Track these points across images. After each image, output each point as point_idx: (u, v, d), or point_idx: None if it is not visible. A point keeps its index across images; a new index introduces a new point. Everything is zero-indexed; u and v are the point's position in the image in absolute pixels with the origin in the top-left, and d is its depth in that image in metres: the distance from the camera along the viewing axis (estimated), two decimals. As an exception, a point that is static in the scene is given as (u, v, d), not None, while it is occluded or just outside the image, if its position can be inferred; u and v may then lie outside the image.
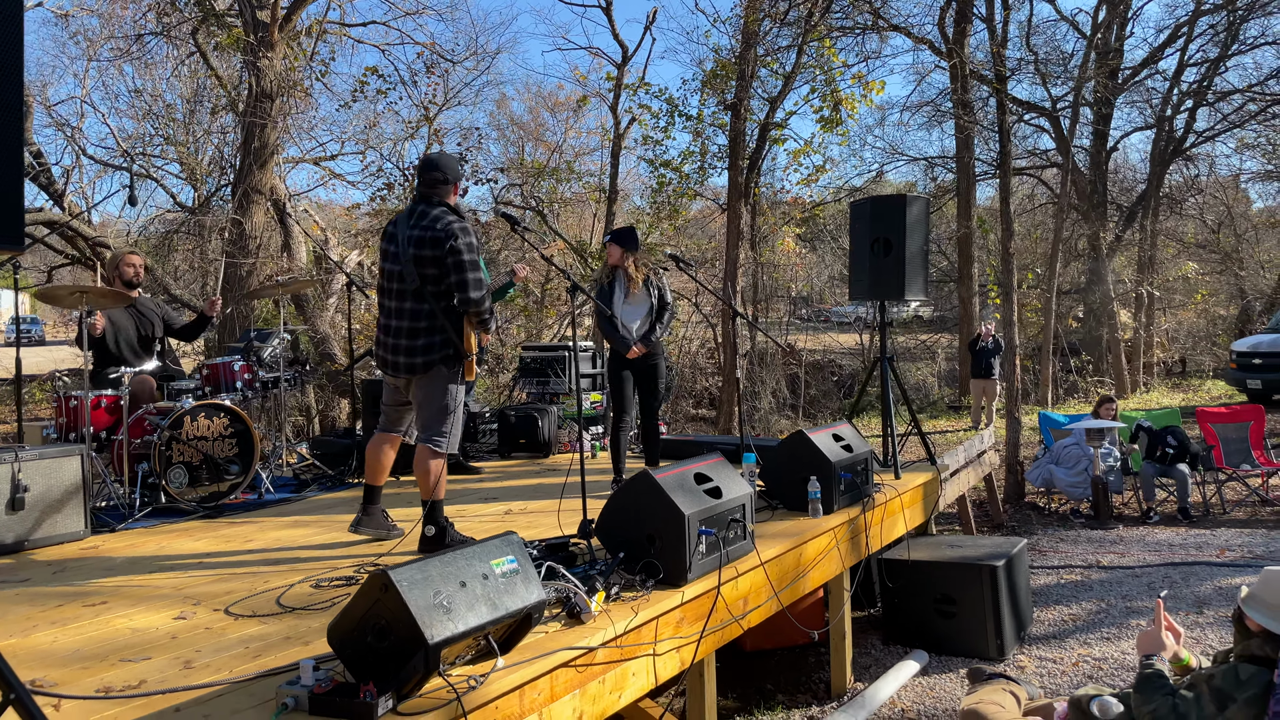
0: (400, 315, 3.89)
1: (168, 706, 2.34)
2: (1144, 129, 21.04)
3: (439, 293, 3.84)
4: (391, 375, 4.00)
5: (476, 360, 4.13)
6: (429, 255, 3.79)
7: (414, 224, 3.86)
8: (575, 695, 2.78)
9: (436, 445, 3.91)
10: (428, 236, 3.80)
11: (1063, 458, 8.31)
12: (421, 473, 3.92)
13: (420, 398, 3.95)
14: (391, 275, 3.91)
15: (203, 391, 5.49)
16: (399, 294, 3.89)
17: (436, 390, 3.90)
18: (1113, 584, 6.00)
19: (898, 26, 15.40)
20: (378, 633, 2.32)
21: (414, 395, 4.00)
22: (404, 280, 3.85)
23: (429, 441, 3.91)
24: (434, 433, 3.91)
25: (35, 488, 4.24)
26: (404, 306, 3.88)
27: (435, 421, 3.91)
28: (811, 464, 4.52)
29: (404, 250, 3.84)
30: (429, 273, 3.81)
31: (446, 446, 3.93)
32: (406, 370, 3.91)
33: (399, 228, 3.91)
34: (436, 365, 3.88)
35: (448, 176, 3.96)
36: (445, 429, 3.92)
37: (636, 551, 3.36)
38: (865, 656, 5.02)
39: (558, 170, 16.18)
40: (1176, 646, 2.78)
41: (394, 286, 3.90)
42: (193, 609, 3.21)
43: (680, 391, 16.53)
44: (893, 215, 5.60)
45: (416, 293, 3.85)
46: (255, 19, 12.44)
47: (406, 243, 3.84)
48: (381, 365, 4.02)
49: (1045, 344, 14.76)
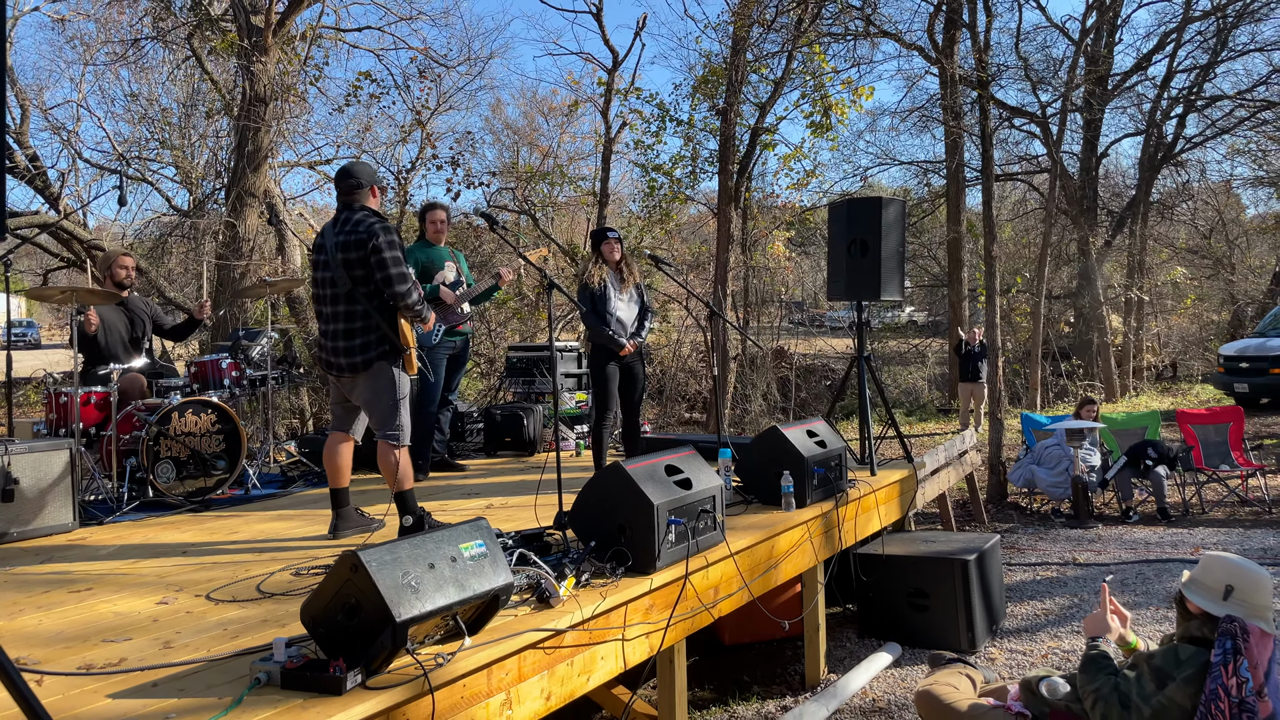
0: (336, 319, 4.06)
1: (146, 682, 2.44)
2: (1134, 135, 21.22)
3: (370, 292, 4.01)
4: (335, 376, 4.15)
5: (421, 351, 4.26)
6: (355, 257, 3.97)
7: (339, 230, 4.04)
8: (543, 676, 2.87)
9: (394, 439, 4.06)
10: (351, 240, 3.97)
11: (1044, 458, 8.42)
12: (385, 467, 4.08)
13: (368, 396, 4.10)
14: (324, 281, 4.08)
15: (191, 389, 5.59)
16: (333, 298, 4.06)
17: (383, 386, 4.05)
18: (1087, 580, 6.11)
19: (888, 33, 15.54)
20: (347, 611, 2.42)
21: (359, 395, 4.14)
22: (336, 285, 4.03)
23: (385, 437, 4.06)
24: (389, 427, 4.06)
25: (25, 480, 4.34)
26: (339, 310, 4.05)
27: (388, 416, 4.06)
28: (785, 459, 4.62)
29: (333, 256, 4.02)
30: (357, 274, 3.98)
31: (404, 437, 4.08)
32: (349, 370, 4.06)
33: (326, 236, 4.09)
34: (376, 362, 4.03)
35: (362, 181, 4.14)
36: (398, 421, 4.07)
37: (607, 541, 3.46)
38: (840, 649, 5.12)
39: (551, 175, 16.30)
40: (1122, 629, 2.88)
41: (328, 292, 4.08)
42: (175, 595, 3.31)
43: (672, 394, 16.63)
44: (869, 217, 5.71)
45: (349, 295, 4.01)
46: (250, 24, 12.54)
47: (335, 249, 4.01)
48: (325, 367, 4.18)
49: (1035, 348, 14.88)
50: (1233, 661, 2.53)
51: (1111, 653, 2.82)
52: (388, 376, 4.05)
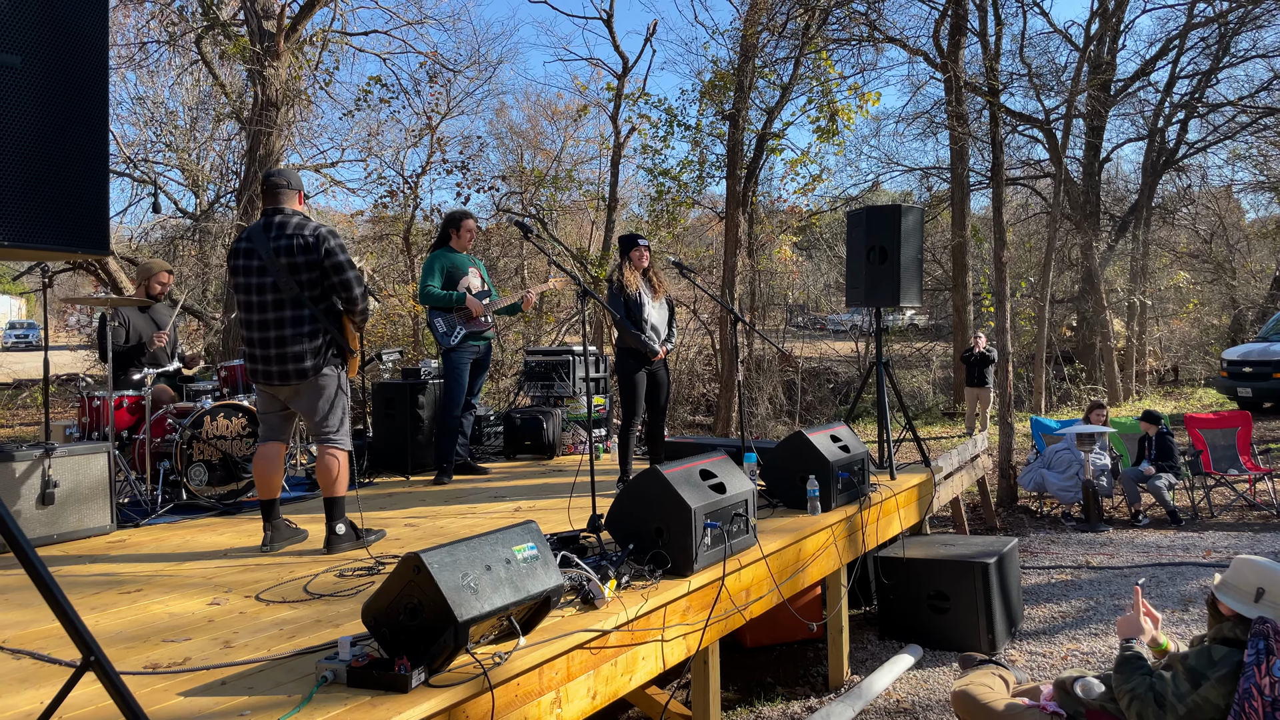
0: (280, 324, 3.92)
1: (213, 680, 2.51)
2: (1136, 140, 21.36)
3: (317, 296, 3.94)
4: (278, 385, 4.00)
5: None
6: (301, 261, 3.88)
7: (276, 235, 3.91)
8: (590, 675, 2.95)
9: (337, 443, 4.02)
10: (296, 244, 3.88)
11: (1054, 462, 8.50)
12: (325, 472, 3.99)
13: (309, 403, 4.00)
14: (262, 288, 3.93)
15: (221, 393, 5.66)
16: (275, 304, 3.92)
17: (328, 390, 4.00)
18: (1101, 583, 6.19)
19: (893, 39, 15.65)
20: (410, 611, 2.49)
21: (300, 402, 4.03)
22: (279, 290, 3.90)
23: (328, 441, 4.00)
24: (331, 431, 4.01)
25: (64, 484, 4.41)
26: (283, 315, 3.91)
27: (334, 422, 4.01)
28: (810, 463, 4.69)
29: (272, 260, 3.90)
30: (303, 278, 3.89)
31: (346, 443, 4.04)
32: (296, 377, 3.94)
33: (257, 242, 3.93)
34: (325, 368, 3.97)
35: (291, 184, 4.07)
36: (344, 428, 4.04)
37: (645, 543, 3.54)
38: (861, 651, 5.19)
39: (557, 179, 16.39)
40: (1155, 631, 2.96)
41: (267, 298, 3.93)
42: (225, 595, 3.38)
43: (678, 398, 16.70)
44: (888, 224, 5.79)
45: (295, 300, 3.91)
46: (261, 29, 12.63)
47: (273, 253, 3.89)
48: (262, 378, 4.02)
49: (1039, 352, 14.98)
50: (1265, 661, 2.62)
51: (1145, 653, 2.89)
52: (335, 382, 3.99)
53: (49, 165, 1.65)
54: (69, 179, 1.69)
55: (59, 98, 1.66)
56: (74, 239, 1.70)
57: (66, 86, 1.67)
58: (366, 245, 17.05)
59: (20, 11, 1.57)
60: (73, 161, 1.70)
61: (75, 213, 1.70)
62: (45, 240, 1.64)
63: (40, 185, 1.64)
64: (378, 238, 16.69)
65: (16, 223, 1.60)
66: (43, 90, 1.62)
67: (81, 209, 1.71)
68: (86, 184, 1.72)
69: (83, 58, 1.70)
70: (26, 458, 4.30)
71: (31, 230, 1.63)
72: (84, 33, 1.70)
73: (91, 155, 1.74)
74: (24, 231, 1.62)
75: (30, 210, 1.62)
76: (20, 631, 2.97)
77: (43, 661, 2.70)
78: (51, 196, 1.66)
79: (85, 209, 1.72)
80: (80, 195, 1.71)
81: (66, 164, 1.68)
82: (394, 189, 15.15)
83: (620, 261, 5.43)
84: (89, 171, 1.74)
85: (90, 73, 1.72)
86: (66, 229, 1.68)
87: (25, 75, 1.59)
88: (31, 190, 1.63)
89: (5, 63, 1.55)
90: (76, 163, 1.70)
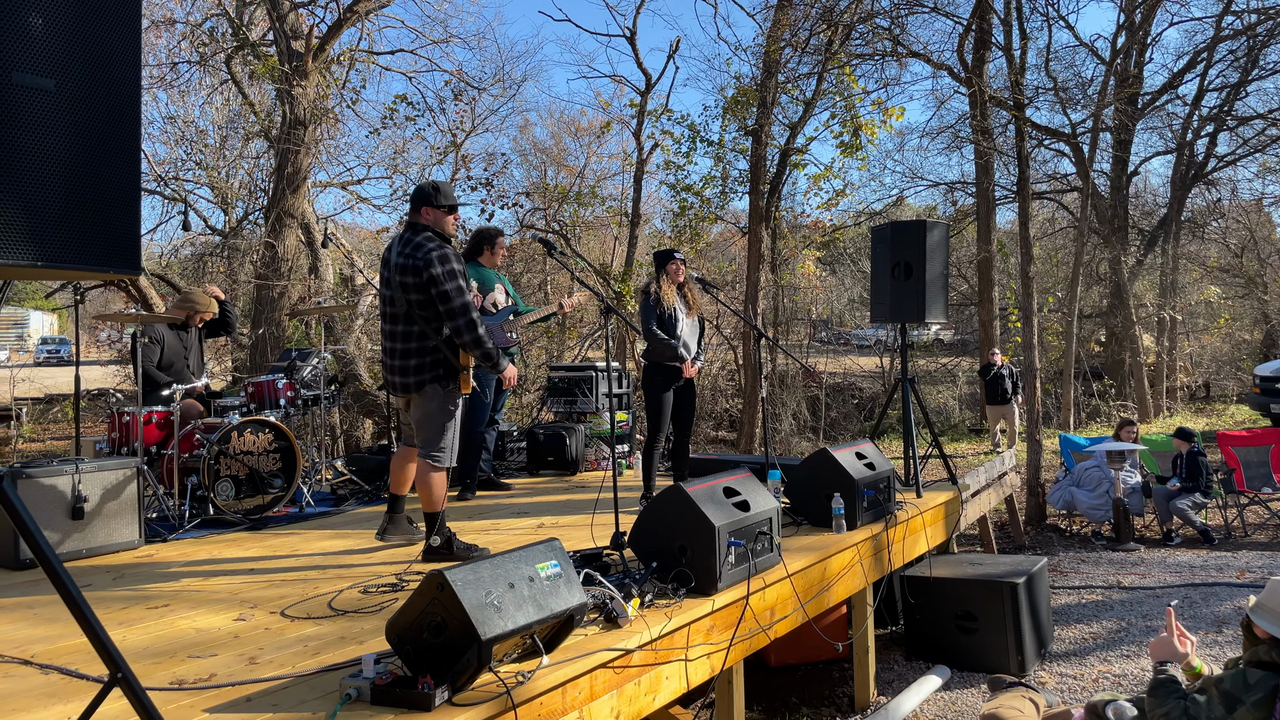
0: (394, 338, 4.07)
1: (239, 696, 2.52)
2: (1164, 154, 21.11)
3: (427, 316, 4.00)
4: (397, 394, 4.19)
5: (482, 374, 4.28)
6: (411, 282, 3.94)
7: (399, 251, 4.01)
8: (613, 695, 2.93)
9: (435, 460, 4.09)
10: (409, 264, 3.95)
11: (1084, 480, 8.38)
12: (422, 486, 4.10)
13: (418, 415, 4.13)
14: (385, 300, 4.11)
15: (248, 408, 5.71)
16: (392, 317, 4.07)
17: (433, 407, 4.07)
18: (1133, 604, 6.08)
19: (917, 53, 15.60)
20: (433, 629, 2.49)
21: (411, 413, 4.21)
22: (394, 304, 4.03)
23: (428, 457, 4.09)
24: (433, 448, 4.09)
25: (93, 498, 4.46)
26: (396, 329, 4.05)
27: (434, 437, 4.08)
28: (835, 481, 4.66)
29: (392, 275, 4.02)
30: (414, 298, 3.97)
31: (446, 460, 4.10)
32: (403, 390, 4.11)
33: (391, 254, 4.08)
34: (428, 384, 4.04)
35: (426, 198, 4.11)
36: (444, 444, 4.10)
37: (668, 561, 3.52)
38: (888, 672, 5.13)
39: (580, 195, 16.46)
40: (1189, 654, 2.90)
41: (388, 310, 4.09)
42: (250, 611, 3.40)
43: (701, 414, 16.66)
44: (913, 240, 5.76)
45: (406, 316, 4.01)
46: (290, 49, 12.82)
47: (395, 269, 4.00)
48: (386, 385, 4.26)
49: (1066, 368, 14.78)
50: (1304, 687, 2.55)
51: (1179, 677, 2.83)
52: (438, 399, 4.07)
53: (81, 187, 1.67)
54: (101, 201, 1.71)
55: (91, 120, 1.68)
56: (106, 260, 1.72)
57: (98, 109, 1.70)
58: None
59: (53, 35, 1.60)
60: (105, 183, 1.72)
61: (107, 234, 1.72)
62: (78, 261, 1.67)
63: (72, 207, 1.66)
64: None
65: (49, 244, 1.63)
66: (75, 113, 1.65)
67: (113, 230, 1.73)
68: (118, 205, 1.74)
69: (115, 80, 1.73)
70: (56, 473, 4.35)
71: (64, 252, 1.66)
72: (116, 55, 1.73)
73: (123, 177, 1.77)
74: (57, 253, 1.64)
75: (63, 232, 1.65)
76: (49, 646, 3.00)
77: (71, 677, 2.72)
78: (84, 218, 1.68)
79: (117, 230, 1.74)
80: (112, 216, 1.73)
81: (99, 186, 1.71)
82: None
83: (656, 275, 5.42)
84: (121, 193, 1.76)
85: (122, 95, 1.75)
86: (99, 250, 1.70)
87: (58, 98, 1.61)
88: (64, 212, 1.65)
89: (39, 86, 1.57)
90: (109, 184, 1.73)
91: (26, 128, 1.57)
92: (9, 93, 1.54)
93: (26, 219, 1.58)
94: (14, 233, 1.56)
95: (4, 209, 1.54)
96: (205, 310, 5.96)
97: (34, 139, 1.59)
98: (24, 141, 1.57)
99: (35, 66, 1.58)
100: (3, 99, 1.53)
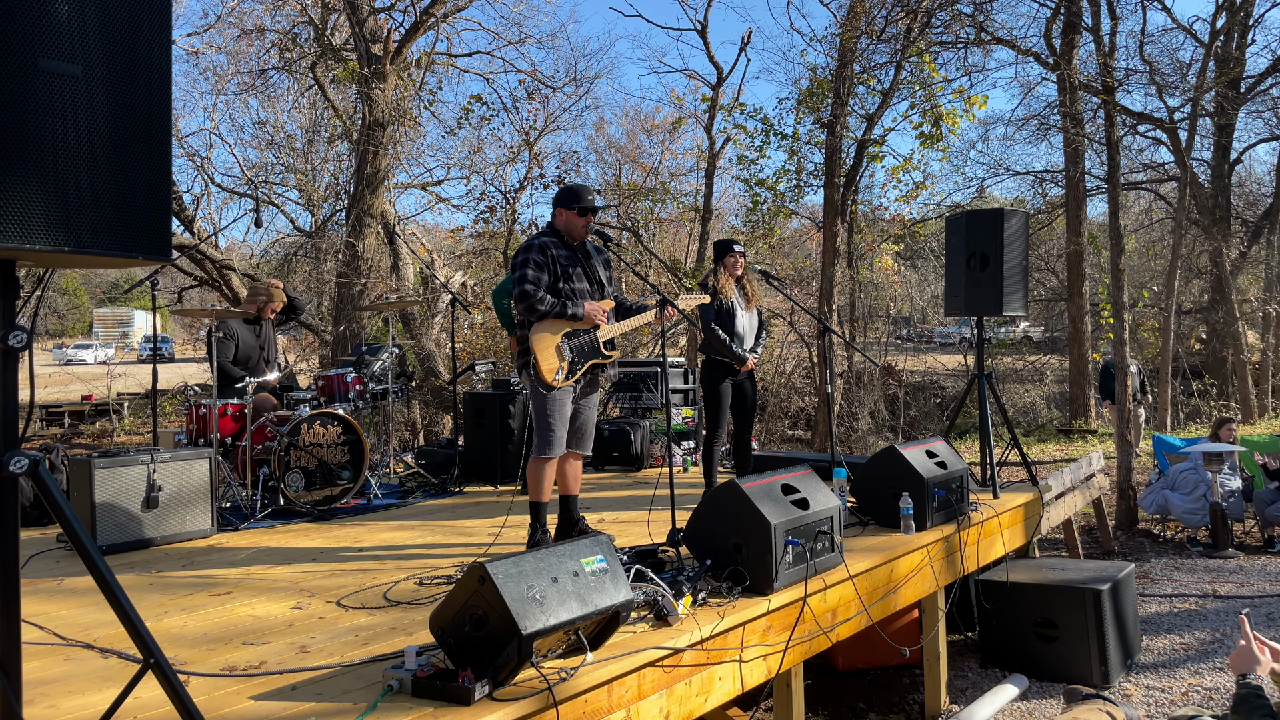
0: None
1: (285, 685, 2.53)
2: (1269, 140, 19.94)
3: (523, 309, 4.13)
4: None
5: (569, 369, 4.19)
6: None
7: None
8: (662, 695, 2.86)
9: (535, 451, 4.13)
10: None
11: (1179, 483, 7.93)
12: (527, 475, 4.23)
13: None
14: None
15: (318, 401, 5.83)
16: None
17: (533, 399, 4.14)
18: (1228, 614, 5.71)
19: (1002, 39, 15.07)
20: (475, 622, 2.46)
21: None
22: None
23: (533, 449, 4.17)
24: (536, 437, 4.16)
25: (168, 488, 4.60)
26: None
27: (535, 430, 4.16)
28: (904, 480, 4.48)
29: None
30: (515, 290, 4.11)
31: (545, 451, 4.11)
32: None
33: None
34: (523, 371, 4.16)
35: (561, 199, 4.20)
36: (536, 434, 4.15)
37: (723, 559, 3.42)
38: (962, 679, 4.92)
39: (653, 191, 16.41)
40: (1273, 663, 2.67)
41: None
42: (308, 600, 3.44)
43: (776, 411, 16.43)
44: (989, 229, 5.52)
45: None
46: (369, 52, 13.10)
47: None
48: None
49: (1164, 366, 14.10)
50: None
51: (1265, 687, 2.61)
52: (529, 390, 4.18)
53: (111, 174, 1.68)
54: (131, 187, 1.71)
55: (121, 107, 1.69)
56: (135, 246, 1.73)
57: (129, 95, 1.70)
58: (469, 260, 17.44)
59: (82, 22, 1.61)
60: (135, 169, 1.72)
61: (137, 220, 1.73)
62: (105, 247, 1.67)
63: (102, 193, 1.67)
64: (479, 252, 17.05)
65: (78, 230, 1.64)
66: (104, 99, 1.65)
67: (143, 216, 1.74)
68: (148, 192, 1.75)
69: (145, 67, 1.73)
70: (133, 462, 4.50)
71: (94, 237, 1.67)
72: (146, 44, 1.73)
73: (154, 163, 1.77)
74: (86, 239, 1.65)
75: (92, 218, 1.66)
76: (110, 630, 3.08)
77: (130, 662, 2.78)
78: (113, 204, 1.69)
79: (147, 216, 1.75)
80: (142, 203, 1.74)
81: (128, 173, 1.71)
82: (493, 205, 15.46)
83: (715, 267, 5.32)
84: (151, 180, 1.77)
85: (153, 81, 1.75)
86: (128, 236, 1.71)
87: (87, 84, 1.62)
88: (94, 198, 1.66)
89: (66, 72, 1.58)
90: (138, 171, 1.73)
91: (54, 114, 1.58)
92: (35, 79, 1.55)
93: (54, 205, 1.59)
94: (41, 218, 1.57)
95: (31, 194, 1.55)
96: (275, 300, 6.10)
97: (62, 125, 1.59)
98: (51, 127, 1.58)
99: (62, 52, 1.58)
100: (29, 85, 1.54)
